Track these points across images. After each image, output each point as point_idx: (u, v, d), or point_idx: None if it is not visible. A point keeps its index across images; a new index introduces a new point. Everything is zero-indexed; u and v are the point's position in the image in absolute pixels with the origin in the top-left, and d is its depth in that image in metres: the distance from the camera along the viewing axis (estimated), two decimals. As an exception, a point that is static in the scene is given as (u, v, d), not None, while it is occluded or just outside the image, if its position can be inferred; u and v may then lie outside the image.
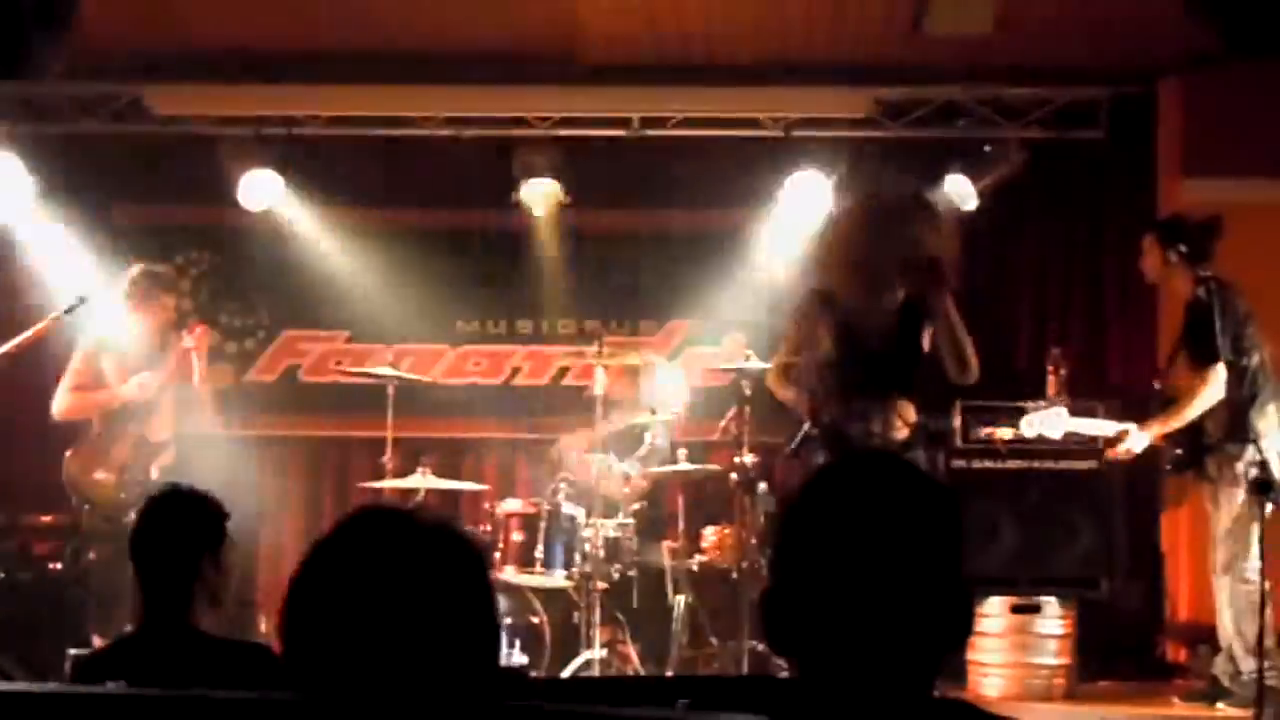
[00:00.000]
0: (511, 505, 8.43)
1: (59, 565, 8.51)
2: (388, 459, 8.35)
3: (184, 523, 4.04)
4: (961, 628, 2.00)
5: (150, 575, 4.02)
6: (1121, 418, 8.21)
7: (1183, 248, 7.47)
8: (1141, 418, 7.55)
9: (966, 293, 9.79)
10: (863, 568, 1.95)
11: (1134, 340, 9.46)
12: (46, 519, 8.66)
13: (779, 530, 2.07)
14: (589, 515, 8.01)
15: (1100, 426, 7.54)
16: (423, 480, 8.12)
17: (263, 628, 8.46)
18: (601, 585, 7.90)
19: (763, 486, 8.13)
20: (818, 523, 2.01)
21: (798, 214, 9.47)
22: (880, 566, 1.95)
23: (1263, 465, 7.13)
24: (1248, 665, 7.09)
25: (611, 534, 8.06)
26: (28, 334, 8.15)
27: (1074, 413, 7.60)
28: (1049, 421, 7.45)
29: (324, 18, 8.64)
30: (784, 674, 2.06)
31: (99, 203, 9.77)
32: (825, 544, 1.98)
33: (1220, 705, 7.40)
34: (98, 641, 7.47)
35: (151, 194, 9.95)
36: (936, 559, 1.99)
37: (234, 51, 9.18)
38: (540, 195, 9.38)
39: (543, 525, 8.14)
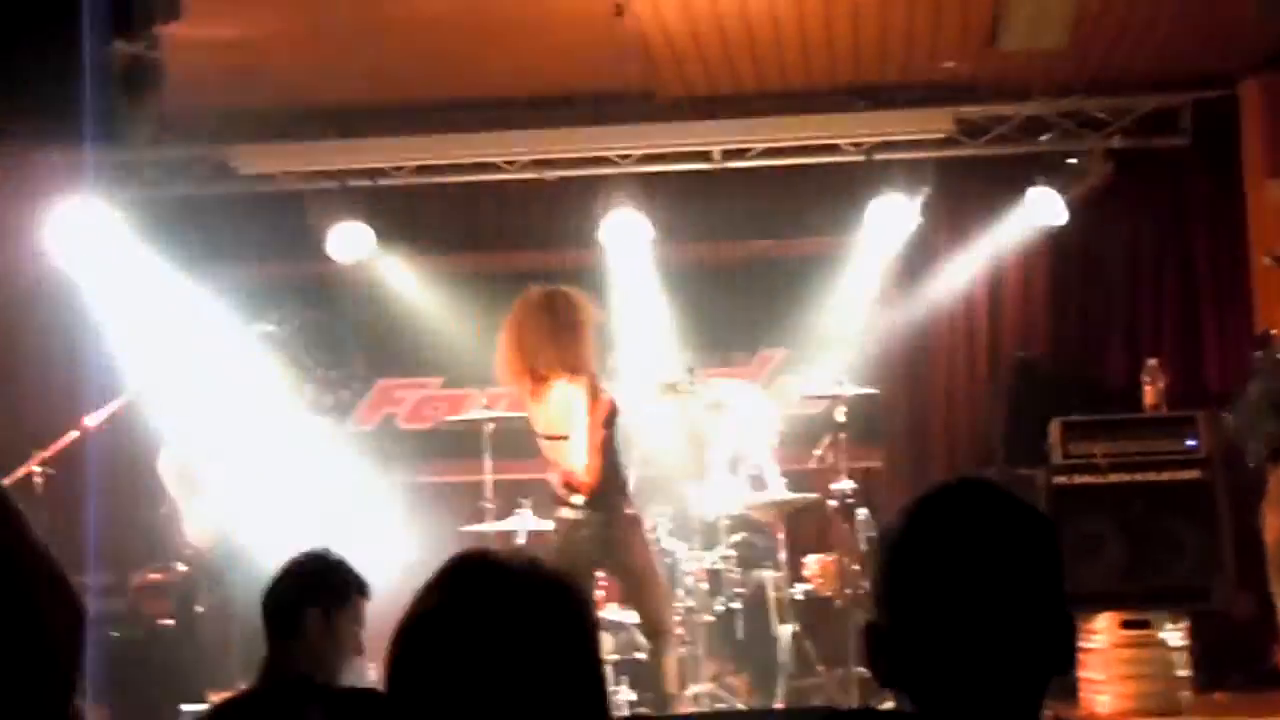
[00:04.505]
0: (612, 542, 8.43)
1: (170, 621, 8.62)
2: (488, 501, 8.39)
3: (314, 583, 4.13)
4: (1067, 651, 2.00)
5: (279, 631, 4.11)
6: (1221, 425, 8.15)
7: None
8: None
9: (1056, 307, 9.82)
10: (969, 598, 1.95)
11: (1230, 347, 9.34)
12: (155, 576, 8.77)
13: (880, 562, 2.07)
14: (689, 548, 8.01)
15: None
16: (523, 521, 8.14)
17: (372, 675, 8.50)
18: (706, 618, 7.90)
19: (862, 512, 8.11)
20: (920, 555, 2.00)
21: (883, 237, 9.46)
22: (987, 596, 1.95)
23: None
24: None
25: (713, 566, 8.05)
26: (129, 395, 8.30)
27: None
28: None
29: (401, 70, 8.73)
30: (889, 704, 2.06)
31: (193, 262, 9.91)
32: (929, 576, 1.98)
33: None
34: (212, 698, 7.56)
35: (242, 252, 10.07)
36: (1041, 585, 1.99)
37: (315, 107, 9.31)
38: (626, 232, 9.40)
39: (644, 561, 8.14)
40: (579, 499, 7.23)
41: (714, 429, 8.60)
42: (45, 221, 9.21)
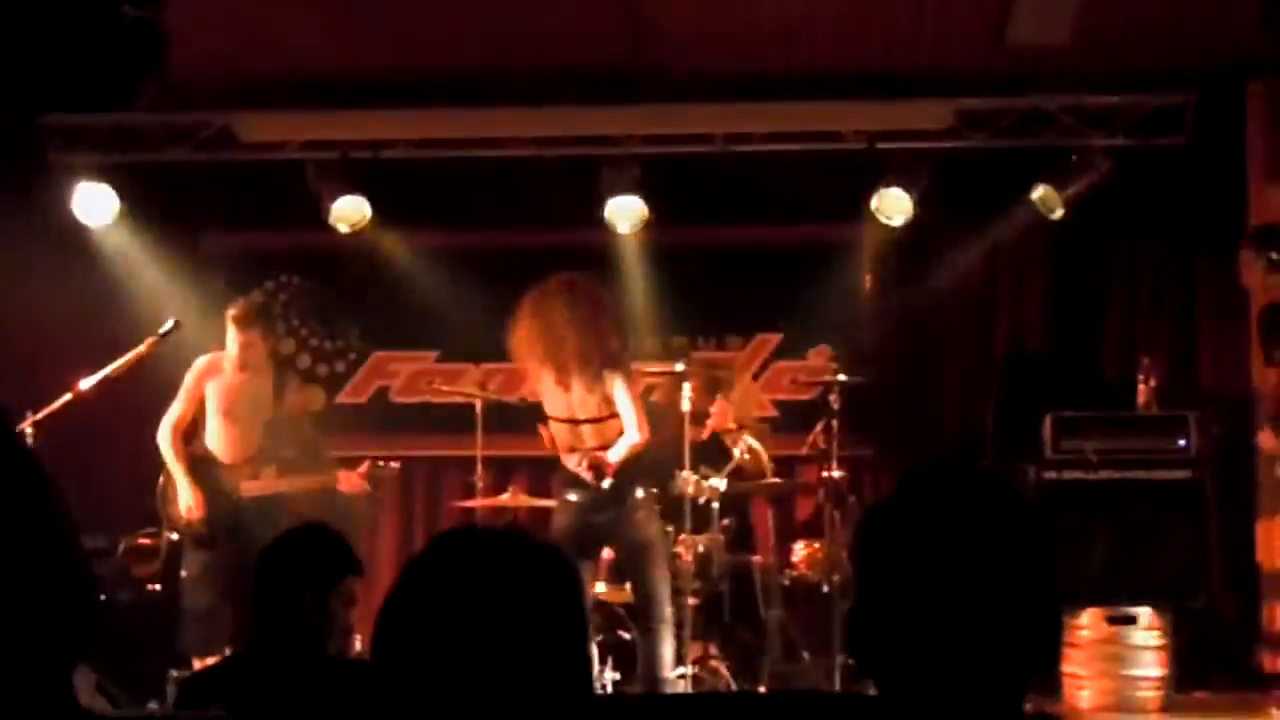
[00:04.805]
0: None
1: (158, 586, 8.64)
2: (478, 477, 8.40)
3: (308, 559, 4.16)
4: (1050, 645, 1.97)
5: (269, 604, 4.13)
6: (1215, 425, 8.17)
7: (1274, 254, 7.39)
8: (1235, 425, 7.48)
9: (1052, 302, 9.84)
10: (948, 583, 1.92)
11: (1226, 347, 9.36)
12: (145, 541, 8.78)
13: (860, 544, 2.04)
14: (678, 531, 8.02)
15: None
16: (513, 498, 8.17)
17: (358, 647, 8.53)
18: (692, 601, 7.91)
19: (852, 500, 8.13)
20: (900, 536, 1.97)
21: (883, 226, 9.46)
22: (967, 582, 1.92)
23: None
24: None
25: (701, 549, 8.07)
26: (124, 360, 8.28)
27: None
28: None
29: (407, 42, 8.72)
30: (873, 691, 2.05)
31: (190, 230, 9.90)
32: (908, 559, 1.95)
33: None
34: (196, 664, 7.58)
35: (241, 220, 10.08)
36: (1023, 572, 1.95)
37: (319, 77, 9.28)
38: (625, 213, 9.39)
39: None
40: (607, 482, 7.28)
41: (706, 412, 8.62)
42: (45, 185, 9.21)
